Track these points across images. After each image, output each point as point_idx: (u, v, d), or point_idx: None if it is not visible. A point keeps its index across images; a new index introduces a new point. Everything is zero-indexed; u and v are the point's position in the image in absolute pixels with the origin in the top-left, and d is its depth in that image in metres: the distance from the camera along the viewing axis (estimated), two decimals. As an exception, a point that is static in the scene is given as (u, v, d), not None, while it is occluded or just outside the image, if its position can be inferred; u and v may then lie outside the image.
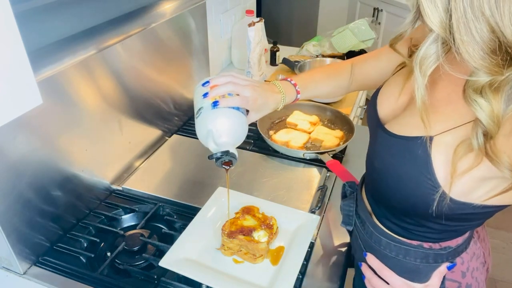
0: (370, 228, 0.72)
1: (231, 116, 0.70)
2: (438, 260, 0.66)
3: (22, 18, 0.54)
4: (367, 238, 0.73)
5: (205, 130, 0.70)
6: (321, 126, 1.30)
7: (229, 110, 0.71)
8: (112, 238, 0.93)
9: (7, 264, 0.82)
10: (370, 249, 0.72)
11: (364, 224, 0.74)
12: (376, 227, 0.71)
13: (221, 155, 0.69)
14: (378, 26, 3.14)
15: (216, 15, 1.67)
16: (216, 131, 0.69)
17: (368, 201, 0.75)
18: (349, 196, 0.82)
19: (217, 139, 0.70)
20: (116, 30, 1.00)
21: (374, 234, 0.71)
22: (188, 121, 1.39)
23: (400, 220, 0.66)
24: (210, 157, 0.71)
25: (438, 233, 0.65)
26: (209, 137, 0.70)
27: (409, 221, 0.65)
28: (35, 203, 0.83)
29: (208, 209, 0.93)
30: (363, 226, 0.74)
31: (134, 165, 1.14)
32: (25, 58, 0.54)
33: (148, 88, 1.15)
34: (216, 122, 0.69)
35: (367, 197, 0.75)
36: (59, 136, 0.86)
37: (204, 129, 0.70)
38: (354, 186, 0.84)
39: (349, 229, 0.79)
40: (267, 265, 0.82)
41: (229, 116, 0.70)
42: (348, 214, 0.79)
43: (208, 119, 0.70)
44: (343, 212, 0.81)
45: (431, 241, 0.66)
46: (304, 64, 1.60)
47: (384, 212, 0.70)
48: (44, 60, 0.81)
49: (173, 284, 0.80)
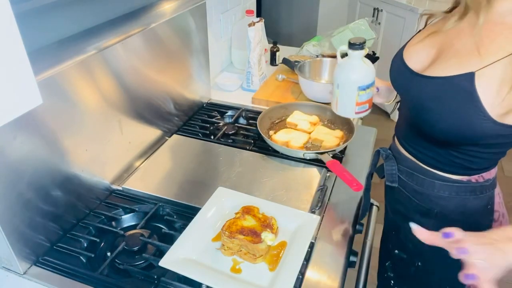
0: (421, 176, 0.83)
1: None
2: (483, 191, 0.80)
3: (22, 18, 0.54)
4: (417, 187, 0.84)
5: None
6: (321, 126, 1.30)
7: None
8: (112, 238, 0.93)
9: (7, 264, 0.82)
10: (421, 196, 0.84)
11: (412, 175, 0.85)
12: (427, 172, 0.82)
13: None
14: (378, 26, 3.14)
15: (216, 15, 1.67)
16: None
17: (409, 153, 0.86)
18: (387, 158, 0.92)
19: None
20: (116, 30, 1.00)
21: (426, 180, 0.82)
22: (188, 121, 1.39)
23: (447, 154, 0.78)
24: None
25: (480, 162, 0.77)
26: None
27: (455, 153, 0.77)
28: (35, 203, 0.83)
29: (208, 209, 0.93)
30: (410, 177, 0.86)
31: (134, 165, 1.14)
32: (25, 58, 0.54)
33: (148, 88, 1.15)
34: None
35: (408, 149, 0.86)
36: (59, 136, 0.86)
37: None
38: (387, 150, 0.93)
39: (394, 185, 0.91)
40: (267, 265, 0.82)
41: None
42: (391, 173, 0.90)
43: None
44: (386, 173, 0.91)
45: (476, 172, 0.79)
46: (304, 64, 1.60)
47: (431, 154, 0.81)
48: (44, 60, 0.81)
49: (173, 284, 0.80)
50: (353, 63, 0.92)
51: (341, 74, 0.94)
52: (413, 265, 0.92)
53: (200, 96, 1.48)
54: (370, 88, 0.94)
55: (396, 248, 0.97)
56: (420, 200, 0.86)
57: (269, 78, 1.71)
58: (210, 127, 1.35)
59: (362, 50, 0.90)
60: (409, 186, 0.87)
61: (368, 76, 0.93)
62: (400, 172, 0.89)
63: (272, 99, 1.52)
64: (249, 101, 1.55)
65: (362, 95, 0.94)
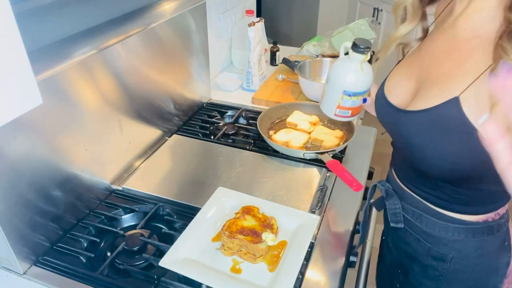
0: (431, 218, 0.73)
1: None
2: (499, 229, 0.72)
3: (22, 18, 0.54)
4: (428, 229, 0.75)
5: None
6: (321, 126, 1.30)
7: None
8: (112, 238, 0.93)
9: (7, 264, 0.82)
10: (434, 239, 0.74)
11: (421, 216, 0.75)
12: (438, 214, 0.73)
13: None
14: (378, 26, 3.14)
15: (216, 15, 1.67)
16: None
17: (413, 192, 0.76)
18: (388, 195, 0.82)
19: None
20: (116, 30, 1.00)
21: (437, 223, 0.73)
22: (188, 121, 1.39)
23: (455, 192, 0.69)
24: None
25: (493, 197, 0.69)
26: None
27: (464, 191, 0.68)
28: (35, 203, 0.83)
29: (208, 209, 0.93)
30: (419, 219, 0.76)
31: (134, 165, 1.14)
32: (25, 58, 0.54)
33: (148, 88, 1.15)
34: None
35: (411, 188, 0.76)
36: (59, 136, 0.86)
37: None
38: (386, 184, 0.84)
39: (400, 226, 0.80)
40: (267, 266, 0.82)
41: None
42: (395, 212, 0.80)
43: None
44: (389, 212, 0.81)
45: (491, 209, 0.70)
46: (304, 64, 1.60)
47: (438, 193, 0.71)
48: (44, 60, 0.81)
49: (173, 284, 0.80)
50: (350, 65, 0.87)
51: (333, 71, 0.90)
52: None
53: (200, 96, 1.48)
54: (357, 96, 0.88)
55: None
56: (432, 244, 0.76)
57: (269, 78, 1.71)
58: (210, 127, 1.35)
59: (362, 55, 0.85)
60: (418, 228, 0.77)
61: (359, 84, 0.87)
62: (405, 211, 0.79)
63: (272, 99, 1.52)
64: (249, 101, 1.55)
65: (346, 100, 0.88)
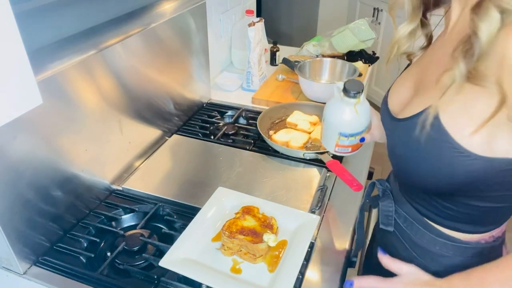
0: (422, 229, 0.70)
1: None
2: (492, 252, 0.68)
3: (22, 18, 0.54)
4: (416, 239, 0.72)
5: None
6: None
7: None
8: (112, 238, 0.93)
9: (7, 264, 0.82)
10: (421, 251, 0.71)
11: (412, 225, 0.72)
12: (430, 227, 0.69)
13: None
14: (378, 26, 3.14)
15: (216, 15, 1.67)
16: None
17: (408, 200, 0.73)
18: (384, 195, 0.79)
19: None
20: (116, 30, 1.00)
21: (427, 235, 0.70)
22: (188, 121, 1.39)
23: (445, 207, 0.66)
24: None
25: (486, 216, 0.65)
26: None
27: (454, 207, 0.64)
28: (35, 203, 0.83)
29: (208, 209, 0.93)
30: (409, 226, 0.73)
31: (134, 165, 1.14)
32: (25, 58, 0.54)
33: (148, 88, 1.15)
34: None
35: (406, 197, 0.74)
36: (59, 136, 0.86)
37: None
38: (385, 183, 0.81)
39: (390, 229, 0.77)
40: (266, 267, 0.82)
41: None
42: (387, 214, 0.77)
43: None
44: (381, 213, 0.78)
45: (486, 230, 0.67)
46: (304, 64, 1.60)
47: (429, 206, 0.68)
48: (44, 60, 0.81)
49: (173, 284, 0.80)
50: (344, 107, 0.83)
51: (328, 111, 0.87)
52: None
53: (200, 96, 1.48)
54: (354, 136, 0.86)
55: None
56: (419, 254, 0.73)
57: (269, 78, 1.71)
58: (210, 127, 1.35)
59: (354, 99, 0.81)
60: (407, 235, 0.74)
61: (354, 126, 0.85)
62: (397, 216, 0.76)
63: (272, 99, 1.52)
64: (249, 101, 1.55)
65: (343, 140, 0.87)
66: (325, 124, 0.89)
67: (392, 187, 0.79)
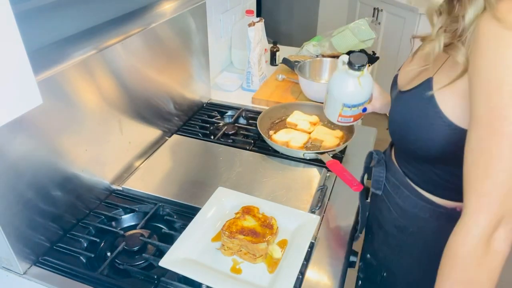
0: (406, 192, 0.79)
1: None
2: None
3: (22, 18, 0.54)
4: (400, 202, 0.80)
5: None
6: (321, 126, 1.30)
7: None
8: (112, 238, 0.93)
9: (7, 264, 0.82)
10: (401, 211, 0.80)
11: (398, 188, 0.81)
12: (413, 190, 0.78)
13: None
14: (378, 26, 3.14)
15: (216, 15, 1.67)
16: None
17: (398, 165, 0.81)
18: (378, 163, 0.87)
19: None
20: (116, 30, 1.00)
21: (410, 198, 0.78)
22: (188, 121, 1.39)
23: (429, 172, 0.73)
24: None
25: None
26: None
27: (437, 171, 0.72)
28: (35, 203, 0.83)
29: (208, 209, 0.93)
30: (396, 190, 0.81)
31: (134, 165, 1.14)
32: (25, 58, 0.54)
33: (148, 88, 1.15)
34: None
35: (398, 162, 0.82)
36: (59, 136, 0.86)
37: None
38: (381, 154, 0.89)
39: (378, 193, 0.86)
40: (266, 267, 0.82)
41: None
42: (378, 179, 0.86)
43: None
44: (373, 178, 0.87)
45: (459, 198, 0.69)
46: (304, 64, 1.60)
47: (414, 170, 0.77)
48: (44, 60, 0.81)
49: (173, 284, 0.80)
50: (348, 79, 0.90)
51: (333, 83, 0.94)
52: (379, 273, 0.90)
53: (200, 96, 1.48)
54: (357, 107, 0.94)
55: (369, 252, 0.95)
56: (399, 215, 0.81)
57: (269, 78, 1.71)
58: (210, 127, 1.36)
59: (358, 71, 0.88)
60: (392, 198, 0.83)
61: (357, 97, 0.92)
62: (387, 181, 0.85)
63: (272, 99, 1.52)
64: (249, 101, 1.55)
65: (346, 111, 0.94)
66: (329, 95, 0.96)
67: (387, 158, 0.86)
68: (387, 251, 0.87)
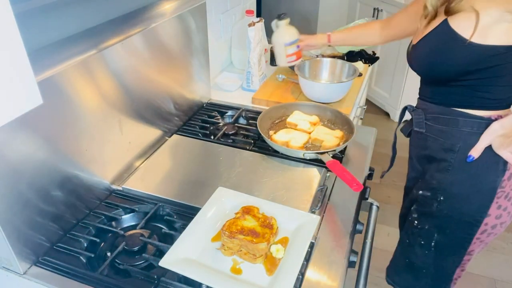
0: (446, 117, 0.95)
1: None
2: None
3: (22, 18, 0.54)
4: (442, 127, 0.97)
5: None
6: (321, 126, 1.31)
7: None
8: (112, 238, 0.93)
9: (7, 264, 0.82)
10: (446, 134, 0.96)
11: (438, 118, 0.97)
12: (452, 112, 0.94)
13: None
14: (378, 26, 3.14)
15: (216, 15, 1.67)
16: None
17: (432, 102, 0.98)
18: (414, 110, 1.05)
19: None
20: (116, 30, 1.00)
21: (451, 119, 0.94)
22: (188, 121, 1.39)
23: (460, 89, 0.91)
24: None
25: (493, 91, 0.88)
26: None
27: (464, 86, 0.90)
28: (35, 203, 0.83)
29: (208, 209, 0.93)
30: (436, 121, 0.98)
31: (134, 165, 1.14)
32: (25, 58, 0.54)
33: (148, 88, 1.15)
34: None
35: (432, 99, 0.99)
36: (59, 136, 0.86)
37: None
38: (413, 107, 1.07)
39: (422, 130, 1.02)
40: (265, 269, 0.82)
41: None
42: (419, 121, 1.03)
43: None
44: (414, 121, 1.04)
45: (493, 106, 0.90)
46: (304, 64, 1.60)
47: (447, 94, 0.94)
48: (44, 60, 0.81)
49: (173, 284, 0.80)
50: (280, 28, 1.40)
51: (274, 37, 1.42)
52: (436, 200, 1.00)
53: (200, 96, 1.48)
54: (294, 44, 1.40)
55: (421, 189, 1.05)
56: (445, 138, 0.96)
57: (269, 78, 1.71)
58: (210, 127, 1.36)
59: (283, 20, 1.39)
60: (434, 129, 0.98)
61: (290, 36, 1.40)
62: (426, 120, 1.01)
63: (272, 99, 1.52)
64: (249, 101, 1.55)
65: (288, 49, 1.40)
66: (275, 47, 1.43)
67: (420, 105, 1.04)
68: (440, 176, 0.98)
